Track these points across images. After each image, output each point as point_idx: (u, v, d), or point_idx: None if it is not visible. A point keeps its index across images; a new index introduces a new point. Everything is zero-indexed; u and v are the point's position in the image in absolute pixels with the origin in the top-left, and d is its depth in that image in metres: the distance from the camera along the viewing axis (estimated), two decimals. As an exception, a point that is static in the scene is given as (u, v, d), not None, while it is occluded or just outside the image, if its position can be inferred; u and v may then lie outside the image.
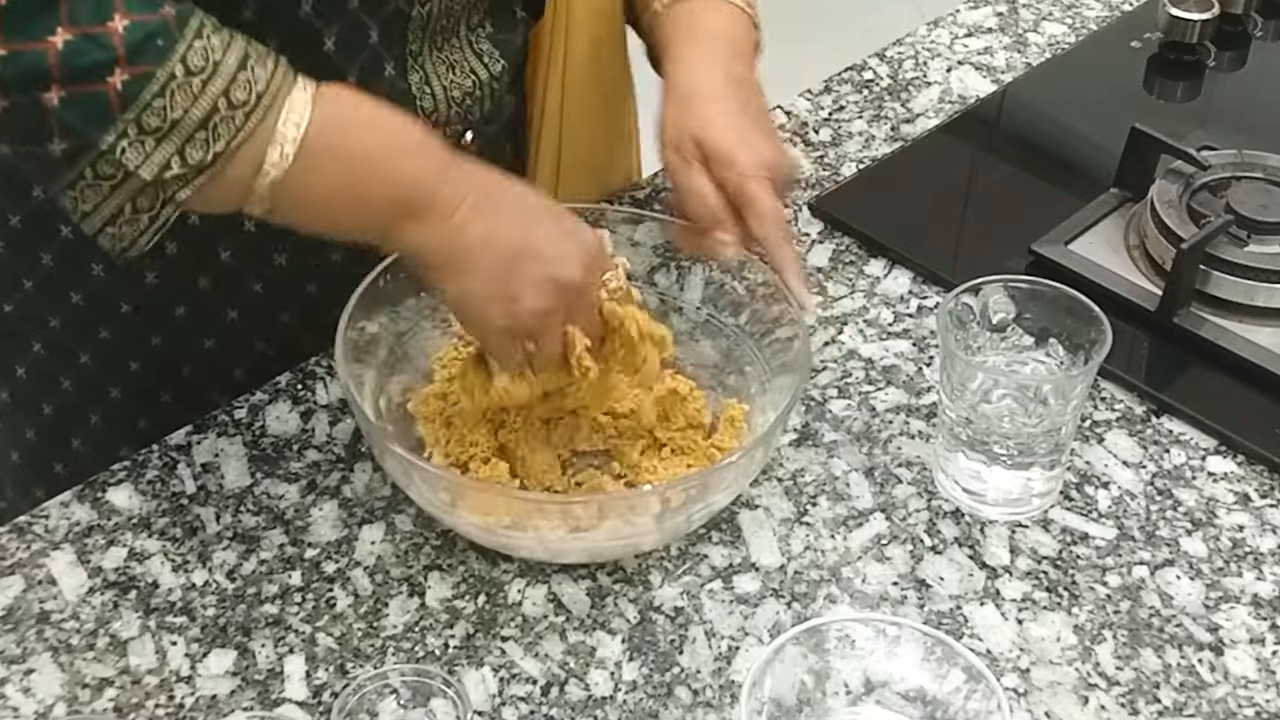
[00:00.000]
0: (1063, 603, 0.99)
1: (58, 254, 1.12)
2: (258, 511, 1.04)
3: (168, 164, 0.87)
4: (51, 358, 1.16)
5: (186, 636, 0.96)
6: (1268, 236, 1.19)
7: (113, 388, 1.17)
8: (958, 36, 1.49)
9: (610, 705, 0.93)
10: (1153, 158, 1.26)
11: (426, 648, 0.96)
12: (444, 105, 1.12)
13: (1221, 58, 1.47)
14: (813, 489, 1.06)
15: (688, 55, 1.11)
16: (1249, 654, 0.97)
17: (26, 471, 1.21)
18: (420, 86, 1.11)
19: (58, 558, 1.01)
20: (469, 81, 1.14)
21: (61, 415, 1.18)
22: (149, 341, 1.15)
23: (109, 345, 1.15)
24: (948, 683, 0.88)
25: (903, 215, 1.27)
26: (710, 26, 1.12)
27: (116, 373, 1.16)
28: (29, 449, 1.21)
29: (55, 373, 1.17)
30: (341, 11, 1.04)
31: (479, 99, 1.15)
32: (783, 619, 0.98)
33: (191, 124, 0.87)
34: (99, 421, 1.18)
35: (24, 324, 1.16)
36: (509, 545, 0.99)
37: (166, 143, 0.86)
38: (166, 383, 1.16)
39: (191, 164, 0.87)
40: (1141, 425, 1.11)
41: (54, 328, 1.15)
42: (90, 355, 1.15)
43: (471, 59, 1.14)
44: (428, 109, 1.11)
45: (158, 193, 0.88)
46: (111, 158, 0.86)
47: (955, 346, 1.02)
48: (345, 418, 1.10)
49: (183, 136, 0.87)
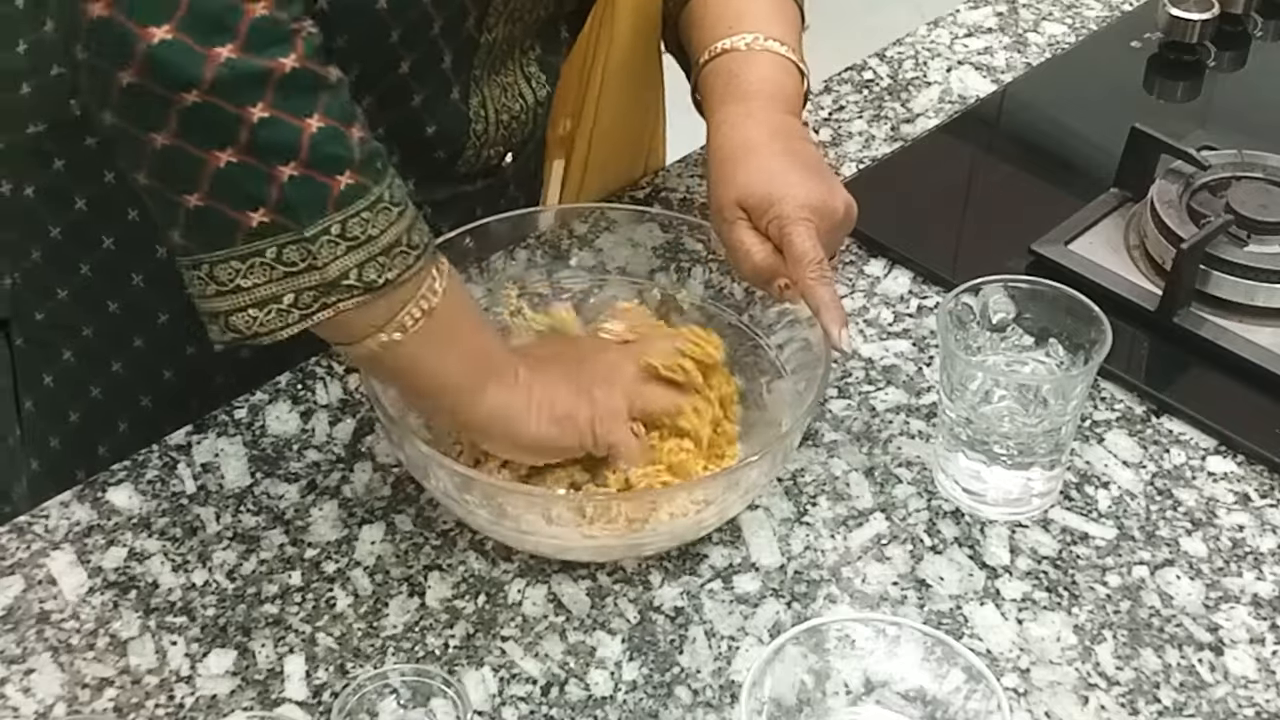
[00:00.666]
0: (1063, 603, 0.99)
1: (97, 265, 1.12)
2: (258, 511, 1.04)
3: (348, 273, 0.89)
4: (82, 366, 1.16)
5: (186, 636, 0.96)
6: (1268, 236, 1.19)
7: (143, 396, 1.17)
8: (958, 36, 1.49)
9: (610, 705, 0.93)
10: (1153, 158, 1.26)
11: (426, 648, 0.96)
12: (494, 128, 1.16)
13: (1221, 58, 1.47)
14: (813, 489, 1.06)
15: (726, 116, 1.08)
16: (1249, 654, 0.97)
17: (46, 479, 1.19)
18: (477, 110, 1.14)
19: (58, 558, 1.01)
20: (517, 105, 1.17)
21: (89, 423, 1.18)
22: (183, 350, 1.15)
23: (142, 354, 1.15)
24: (948, 683, 0.88)
25: (903, 215, 1.27)
26: (749, 83, 1.09)
27: (149, 381, 1.16)
28: (51, 457, 1.20)
29: (85, 380, 1.17)
30: (425, 37, 1.06)
31: (524, 122, 1.18)
32: (783, 619, 0.98)
33: (380, 246, 0.90)
34: (126, 430, 1.18)
35: (56, 332, 1.16)
36: (519, 540, 0.99)
37: (356, 253, 0.89)
38: (197, 390, 1.16)
39: (365, 281, 0.90)
40: (1141, 425, 1.11)
41: (86, 336, 1.15)
42: (122, 364, 1.16)
43: (521, 82, 1.17)
44: (479, 132, 1.15)
45: (326, 294, 0.90)
46: (308, 247, 0.88)
47: (955, 346, 1.02)
48: (345, 418, 1.10)
49: (370, 253, 0.90)
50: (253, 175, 0.86)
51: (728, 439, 1.05)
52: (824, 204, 1.02)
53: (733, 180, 1.04)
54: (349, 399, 1.11)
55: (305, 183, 0.87)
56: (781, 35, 1.11)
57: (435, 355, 0.95)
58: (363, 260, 0.89)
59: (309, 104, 0.87)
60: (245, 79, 0.85)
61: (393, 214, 0.90)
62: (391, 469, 1.06)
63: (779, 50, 1.11)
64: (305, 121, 0.86)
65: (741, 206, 1.03)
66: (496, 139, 1.17)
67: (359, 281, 0.90)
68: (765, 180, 1.03)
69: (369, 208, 0.89)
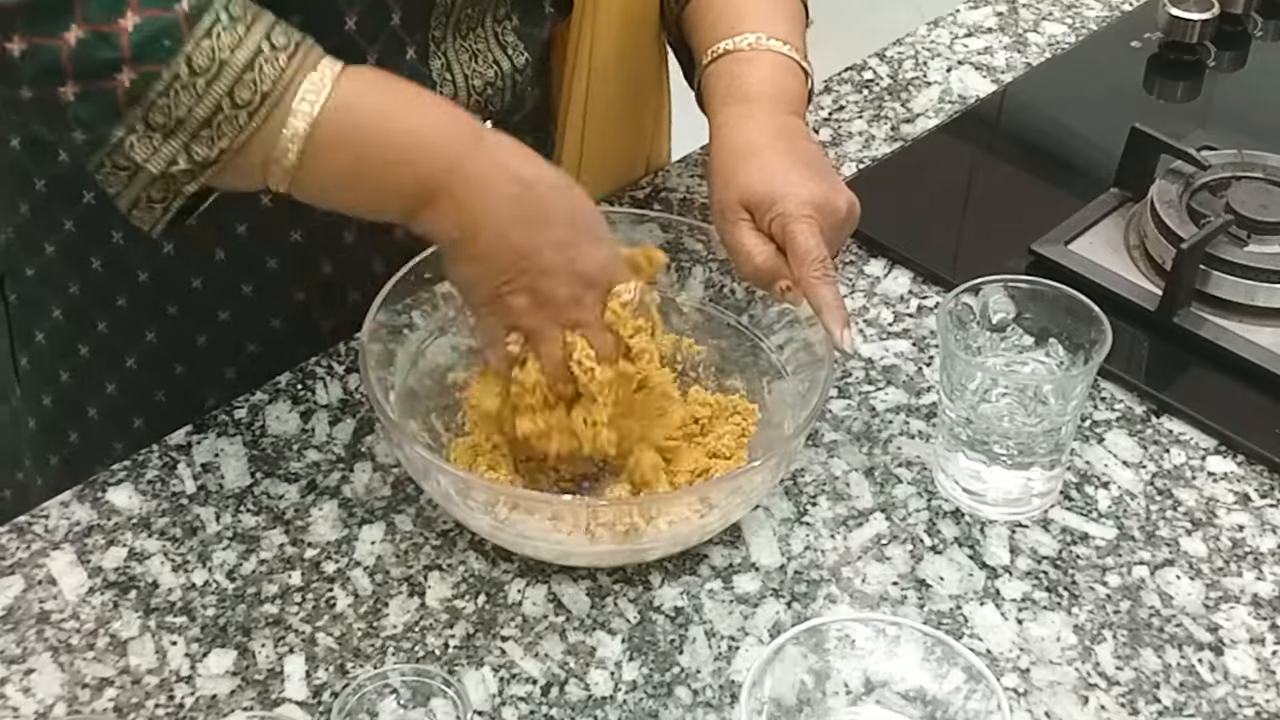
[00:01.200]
0: (1063, 603, 0.99)
1: (79, 219, 1.13)
2: (258, 511, 1.04)
3: (174, 160, 0.89)
4: (70, 323, 1.17)
5: (186, 636, 0.96)
6: (1268, 236, 1.19)
7: (128, 358, 1.17)
8: (958, 36, 1.49)
9: (610, 705, 0.93)
10: (1153, 158, 1.26)
11: (426, 648, 0.96)
12: (464, 93, 1.13)
13: (1221, 58, 1.47)
14: (813, 489, 1.06)
15: (728, 117, 1.08)
16: (1249, 654, 0.97)
17: (42, 438, 1.21)
18: (441, 73, 1.11)
19: (58, 558, 1.01)
20: (491, 72, 1.14)
21: (78, 383, 1.19)
22: (165, 311, 1.15)
23: (125, 314, 1.16)
24: (948, 683, 0.88)
25: (903, 215, 1.27)
26: (751, 84, 1.09)
27: (133, 342, 1.17)
28: (45, 415, 1.21)
29: (74, 339, 1.17)
30: None
31: (500, 90, 1.15)
32: (783, 619, 0.98)
33: (196, 122, 0.88)
34: (114, 391, 1.18)
35: (45, 289, 1.16)
36: (518, 544, 0.99)
37: (172, 139, 0.88)
38: (181, 355, 1.17)
39: (197, 160, 0.89)
40: (1141, 425, 1.11)
41: (73, 294, 1.16)
42: (107, 324, 1.16)
43: (495, 50, 1.14)
44: (447, 95, 1.12)
45: (167, 185, 0.90)
46: (122, 152, 0.88)
47: (955, 346, 1.02)
48: (345, 417, 1.10)
49: (188, 134, 0.88)
50: (48, 104, 0.88)
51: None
52: (827, 202, 1.02)
53: (735, 180, 1.04)
54: (349, 399, 1.11)
55: (86, 98, 0.87)
56: (785, 34, 1.11)
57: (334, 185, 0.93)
58: (185, 142, 0.89)
59: (63, 20, 0.86)
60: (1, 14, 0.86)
61: (198, 85, 0.88)
62: (391, 469, 1.06)
63: (782, 50, 1.10)
64: (62, 39, 0.86)
65: (744, 206, 1.03)
66: (470, 106, 1.13)
67: (190, 164, 0.89)
68: (768, 179, 1.02)
69: (163, 93, 0.87)
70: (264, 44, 0.89)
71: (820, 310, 0.99)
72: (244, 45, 0.89)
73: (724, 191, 1.04)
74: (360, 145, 0.92)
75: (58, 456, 1.21)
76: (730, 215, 1.03)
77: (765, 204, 1.02)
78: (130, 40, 0.86)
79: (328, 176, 0.92)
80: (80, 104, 0.87)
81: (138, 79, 0.87)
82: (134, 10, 0.86)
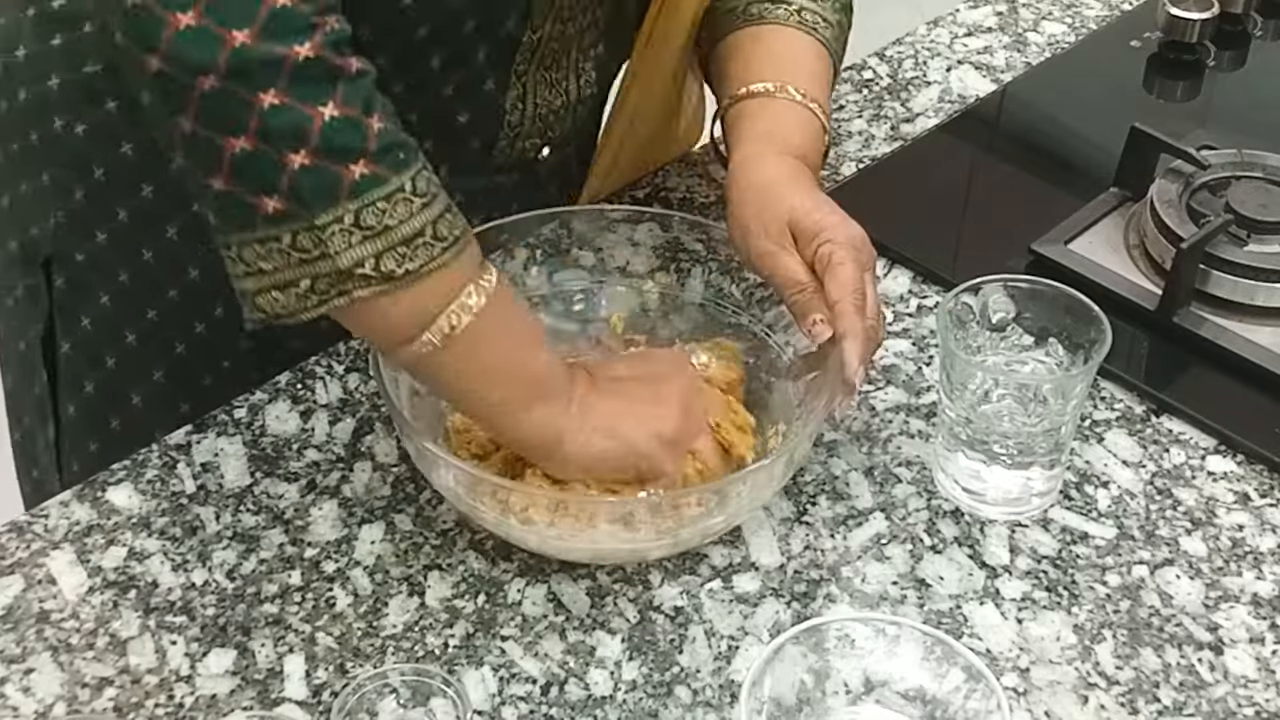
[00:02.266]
0: (1062, 602, 0.99)
1: (134, 210, 1.14)
2: (257, 511, 1.04)
3: (362, 262, 0.90)
4: (118, 310, 1.17)
5: (186, 636, 0.96)
6: (1267, 236, 1.19)
7: (178, 344, 1.18)
8: (957, 36, 1.49)
9: (610, 705, 0.93)
10: (1152, 157, 1.26)
11: (426, 647, 0.96)
12: (530, 121, 1.15)
13: (1221, 57, 1.47)
14: (812, 488, 1.06)
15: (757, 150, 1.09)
16: (1249, 653, 0.97)
17: (82, 424, 1.21)
18: (514, 102, 1.13)
19: (57, 557, 1.01)
20: (559, 101, 1.16)
21: (123, 370, 1.19)
22: (212, 308, 1.16)
23: (176, 305, 1.16)
24: (947, 682, 0.88)
25: (902, 215, 1.27)
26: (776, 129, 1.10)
27: (182, 333, 1.17)
28: (86, 402, 1.21)
29: (121, 325, 1.18)
30: (457, 35, 1.06)
31: (562, 117, 1.17)
32: (782, 618, 0.98)
33: (399, 236, 0.90)
34: (161, 379, 1.19)
35: (95, 274, 1.17)
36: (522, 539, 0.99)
37: (371, 243, 0.89)
38: (227, 350, 1.17)
39: (383, 271, 0.90)
40: (1141, 425, 1.11)
41: (123, 281, 1.16)
42: (157, 313, 1.17)
43: (570, 79, 1.16)
44: (514, 123, 1.14)
45: (341, 282, 0.90)
46: (318, 235, 0.89)
47: (955, 346, 1.02)
48: (345, 417, 1.10)
49: (387, 244, 0.90)
50: (264, 162, 0.87)
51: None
52: (866, 244, 1.03)
53: (784, 202, 1.04)
54: (349, 399, 1.11)
55: (315, 171, 0.87)
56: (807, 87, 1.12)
57: (475, 370, 0.95)
58: (380, 250, 0.89)
59: (322, 93, 0.87)
60: (258, 65, 0.86)
61: (414, 205, 0.90)
62: (391, 469, 1.06)
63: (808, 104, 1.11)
64: (317, 110, 0.87)
65: (791, 229, 1.03)
66: (533, 131, 1.16)
67: (374, 271, 0.90)
68: (814, 208, 1.03)
69: (385, 198, 0.89)
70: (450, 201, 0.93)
71: (844, 336, 0.99)
72: (443, 193, 0.93)
73: (764, 213, 1.04)
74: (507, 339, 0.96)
75: (98, 443, 1.21)
76: (774, 237, 1.03)
77: (812, 231, 1.02)
78: (377, 139, 0.89)
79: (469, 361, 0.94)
80: (306, 174, 0.87)
81: (369, 175, 0.88)
82: (379, 116, 0.89)
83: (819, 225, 1.02)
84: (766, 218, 1.04)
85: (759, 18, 1.16)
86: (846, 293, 1.00)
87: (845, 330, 0.99)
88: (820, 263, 1.01)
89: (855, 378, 0.98)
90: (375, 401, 1.11)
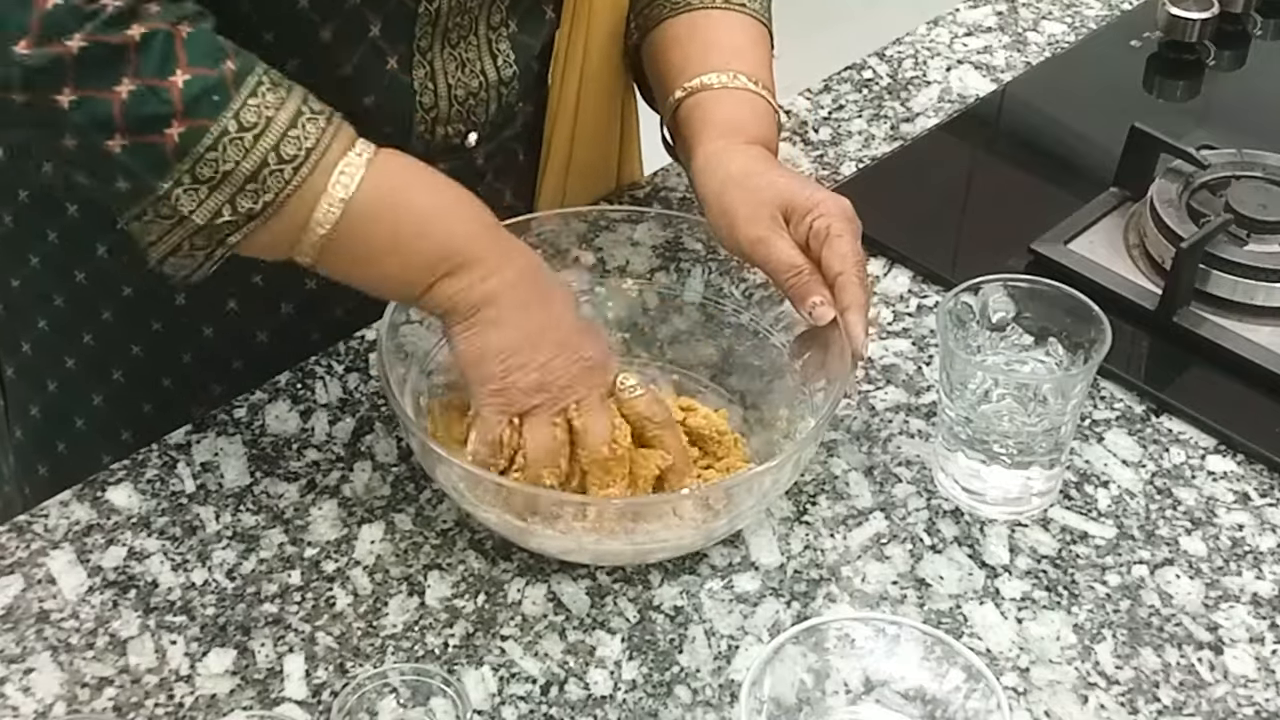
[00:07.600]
0: (1062, 602, 0.99)
1: (63, 231, 1.14)
2: (257, 511, 1.04)
3: (219, 211, 0.92)
4: (56, 336, 1.17)
5: (186, 636, 0.96)
6: (1267, 236, 1.19)
7: (115, 370, 1.17)
8: (957, 36, 1.49)
9: (610, 705, 0.93)
10: (1152, 157, 1.26)
11: (426, 647, 0.96)
12: (445, 103, 1.12)
13: (1221, 57, 1.47)
14: (812, 488, 1.06)
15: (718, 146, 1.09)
16: (1249, 653, 0.97)
17: (30, 449, 1.22)
18: (424, 83, 1.11)
19: (57, 557, 1.01)
20: (475, 82, 1.13)
21: (65, 394, 1.19)
22: (150, 327, 1.15)
23: (111, 327, 1.16)
24: (947, 682, 0.88)
25: (902, 215, 1.27)
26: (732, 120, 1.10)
27: (119, 355, 1.17)
28: (33, 426, 1.21)
29: (60, 350, 1.18)
30: (340, 5, 1.04)
31: (483, 100, 1.14)
32: (782, 618, 0.98)
33: (242, 176, 0.91)
34: (101, 403, 1.18)
35: (31, 300, 1.17)
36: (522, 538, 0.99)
37: (218, 192, 0.91)
38: (167, 369, 1.17)
39: (241, 212, 0.92)
40: (1141, 424, 1.11)
41: (59, 306, 1.16)
42: (93, 336, 1.17)
43: (485, 59, 1.13)
44: (427, 105, 1.11)
45: (211, 235, 0.93)
46: (168, 203, 0.91)
47: (955, 346, 1.02)
48: (345, 417, 1.10)
49: (234, 187, 0.92)
50: (92, 155, 0.90)
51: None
52: (854, 214, 1.04)
53: (772, 185, 1.05)
54: (349, 398, 1.11)
55: (135, 149, 0.90)
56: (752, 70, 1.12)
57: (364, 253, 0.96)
58: (230, 195, 0.91)
59: (111, 74, 0.89)
60: (42, 70, 0.88)
61: (245, 140, 0.91)
62: (391, 468, 1.06)
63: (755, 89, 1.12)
64: (113, 92, 0.89)
65: (782, 211, 1.03)
66: (453, 116, 1.13)
67: (234, 215, 0.92)
68: (802, 186, 1.05)
69: (212, 146, 0.90)
70: (303, 106, 0.94)
71: (846, 308, 1.01)
72: (286, 106, 0.93)
73: (757, 198, 1.04)
74: (396, 218, 0.96)
75: (46, 467, 1.21)
76: (765, 223, 1.03)
77: (805, 208, 1.03)
78: (182, 95, 0.89)
79: (360, 247, 0.95)
80: (129, 155, 0.90)
81: (187, 133, 0.90)
82: (183, 68, 0.90)
83: (812, 200, 1.03)
84: (755, 204, 1.04)
85: (687, 5, 1.15)
86: (849, 264, 1.01)
87: (849, 303, 1.01)
88: (817, 237, 1.02)
89: (861, 348, 1.00)
90: (375, 401, 1.11)
